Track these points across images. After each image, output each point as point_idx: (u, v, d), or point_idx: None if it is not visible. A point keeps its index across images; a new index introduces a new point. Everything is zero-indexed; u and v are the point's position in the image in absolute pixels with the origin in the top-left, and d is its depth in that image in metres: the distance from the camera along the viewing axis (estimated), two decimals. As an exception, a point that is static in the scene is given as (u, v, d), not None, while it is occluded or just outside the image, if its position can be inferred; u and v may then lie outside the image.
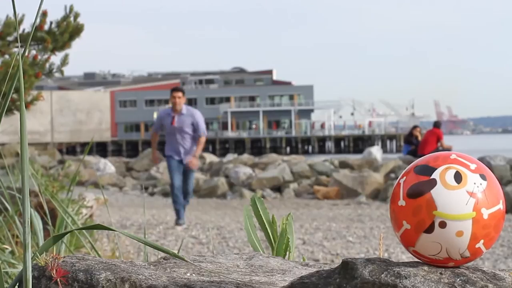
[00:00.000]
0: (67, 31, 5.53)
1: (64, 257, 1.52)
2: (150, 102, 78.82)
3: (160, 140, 9.26)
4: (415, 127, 17.49)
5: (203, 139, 8.52)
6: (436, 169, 1.34)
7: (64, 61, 5.64)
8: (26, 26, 5.63)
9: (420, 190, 1.33)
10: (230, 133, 72.11)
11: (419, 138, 16.65)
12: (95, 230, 5.00)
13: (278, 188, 13.64)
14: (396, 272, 1.31)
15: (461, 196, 1.31)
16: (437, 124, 16.45)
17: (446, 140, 16.63)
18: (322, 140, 71.58)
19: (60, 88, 68.46)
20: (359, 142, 70.47)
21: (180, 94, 8.44)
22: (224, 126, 74.92)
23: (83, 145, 37.91)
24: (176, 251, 1.53)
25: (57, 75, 5.83)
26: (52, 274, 1.45)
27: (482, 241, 1.33)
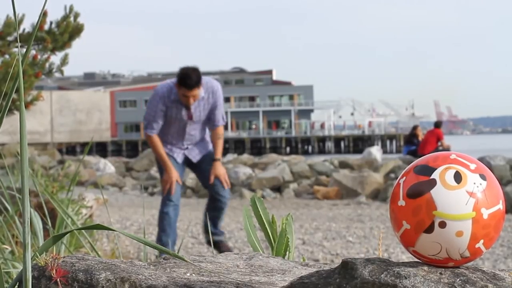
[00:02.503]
0: (67, 31, 5.54)
1: (64, 257, 1.52)
2: (150, 102, 79.01)
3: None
4: (415, 127, 17.53)
5: (221, 130, 5.47)
6: (436, 169, 1.35)
7: (64, 61, 5.65)
8: (26, 26, 5.64)
9: (419, 190, 1.33)
10: (230, 133, 72.16)
11: (420, 138, 16.67)
12: (94, 230, 5.00)
13: (278, 188, 13.64)
14: (396, 272, 1.32)
15: (460, 196, 1.32)
16: (437, 124, 16.50)
17: (446, 140, 16.66)
18: (322, 140, 71.66)
19: (60, 88, 68.65)
20: (359, 142, 70.57)
21: (196, 91, 5.05)
22: (224, 126, 74.99)
23: (83, 145, 38.00)
24: (175, 251, 1.53)
25: (57, 75, 5.83)
26: (52, 274, 1.45)
27: (482, 241, 1.33)
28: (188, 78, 5.00)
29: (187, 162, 5.41)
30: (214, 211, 5.26)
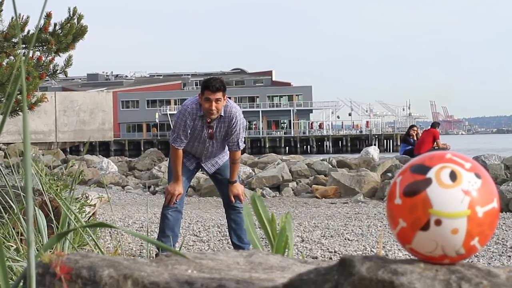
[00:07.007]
0: (70, 33, 5.56)
1: (68, 254, 1.55)
2: (152, 103, 79.19)
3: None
4: (412, 126, 17.53)
5: (238, 155, 5.42)
6: (432, 168, 1.36)
7: (68, 62, 5.67)
8: (31, 28, 5.65)
9: (416, 189, 1.35)
10: (231, 133, 71.98)
11: (415, 138, 16.68)
12: (98, 228, 5.03)
13: (277, 187, 13.64)
14: (393, 269, 1.33)
15: (456, 195, 1.33)
16: (434, 125, 16.54)
17: (442, 140, 16.66)
18: (320, 140, 71.68)
19: (64, 89, 68.58)
20: (357, 142, 70.64)
21: (219, 94, 5.09)
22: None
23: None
24: (177, 249, 1.56)
25: (61, 76, 5.86)
26: (56, 271, 1.47)
27: (477, 238, 1.35)
28: (213, 80, 5.10)
29: (201, 169, 5.58)
30: (234, 223, 5.41)
